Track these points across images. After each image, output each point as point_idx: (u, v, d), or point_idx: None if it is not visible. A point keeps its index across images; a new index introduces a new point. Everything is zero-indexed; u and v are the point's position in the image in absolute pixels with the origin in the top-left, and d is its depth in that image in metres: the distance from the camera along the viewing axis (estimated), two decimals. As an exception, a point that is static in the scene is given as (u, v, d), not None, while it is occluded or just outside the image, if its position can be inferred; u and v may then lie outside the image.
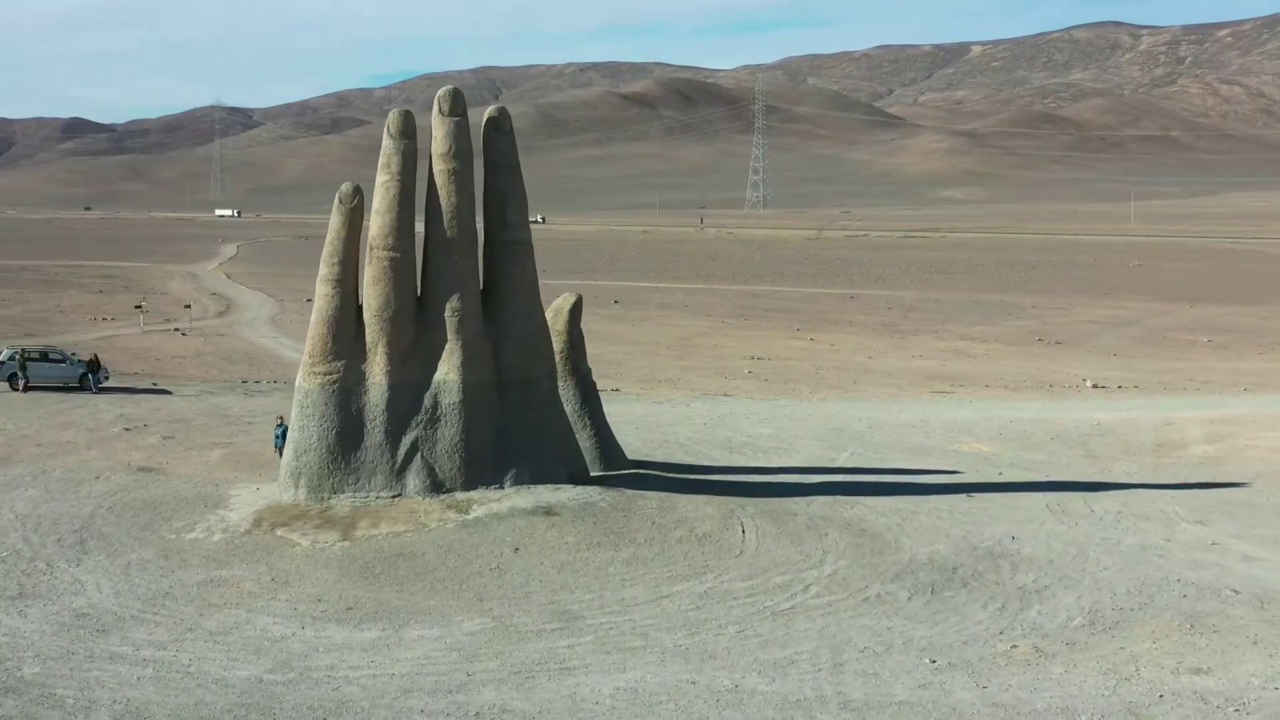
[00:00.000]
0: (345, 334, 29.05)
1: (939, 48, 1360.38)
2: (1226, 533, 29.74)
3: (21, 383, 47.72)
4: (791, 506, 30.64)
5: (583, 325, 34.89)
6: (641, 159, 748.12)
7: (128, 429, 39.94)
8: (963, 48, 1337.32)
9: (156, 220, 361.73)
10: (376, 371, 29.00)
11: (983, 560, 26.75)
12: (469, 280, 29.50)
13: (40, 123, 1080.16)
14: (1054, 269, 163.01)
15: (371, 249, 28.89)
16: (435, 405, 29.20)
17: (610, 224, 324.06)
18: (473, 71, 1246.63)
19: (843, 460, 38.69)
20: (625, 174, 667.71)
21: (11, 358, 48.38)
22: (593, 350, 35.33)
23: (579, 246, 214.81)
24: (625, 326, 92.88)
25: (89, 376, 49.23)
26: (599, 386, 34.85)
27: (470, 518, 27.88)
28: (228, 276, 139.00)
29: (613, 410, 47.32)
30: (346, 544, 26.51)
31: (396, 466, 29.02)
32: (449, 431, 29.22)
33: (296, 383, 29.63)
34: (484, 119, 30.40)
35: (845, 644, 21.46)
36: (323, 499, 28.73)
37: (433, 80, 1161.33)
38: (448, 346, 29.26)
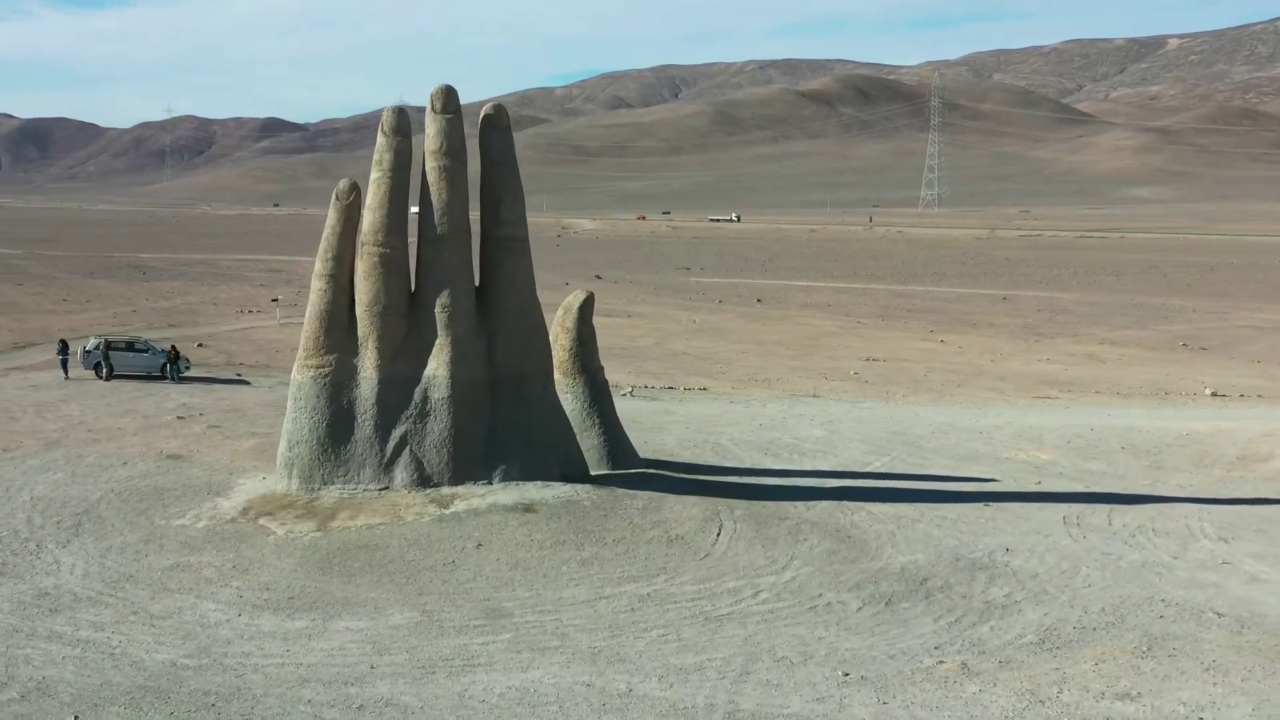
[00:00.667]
0: (338, 328, 29.58)
1: (1133, 41, 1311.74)
2: (1246, 551, 27.95)
3: (105, 371, 50.03)
4: (787, 510, 30.00)
5: (717, 322, 34.72)
6: (818, 157, 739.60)
7: (181, 418, 41.48)
8: (1158, 41, 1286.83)
9: None
10: (367, 366, 29.46)
11: (961, 572, 25.73)
12: (460, 277, 29.71)
13: (239, 122, 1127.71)
14: (1232, 271, 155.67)
15: (363, 245, 29.37)
16: (425, 400, 29.51)
17: (779, 223, 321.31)
18: (652, 70, 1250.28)
19: (879, 465, 37.69)
20: (800, 172, 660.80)
21: (97, 347, 50.78)
22: (713, 348, 35.17)
23: (742, 245, 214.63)
24: (757, 325, 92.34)
25: (170, 366, 51.27)
26: (698, 385, 34.62)
27: (448, 512, 28.09)
28: None
29: (679, 409, 47.49)
30: (319, 534, 27.01)
31: (385, 460, 29.43)
32: (438, 426, 29.49)
33: (291, 375, 30.30)
34: (480, 116, 30.58)
35: (764, 653, 20.91)
36: (313, 490, 29.33)
37: (613, 79, 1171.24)
38: (438, 342, 29.54)
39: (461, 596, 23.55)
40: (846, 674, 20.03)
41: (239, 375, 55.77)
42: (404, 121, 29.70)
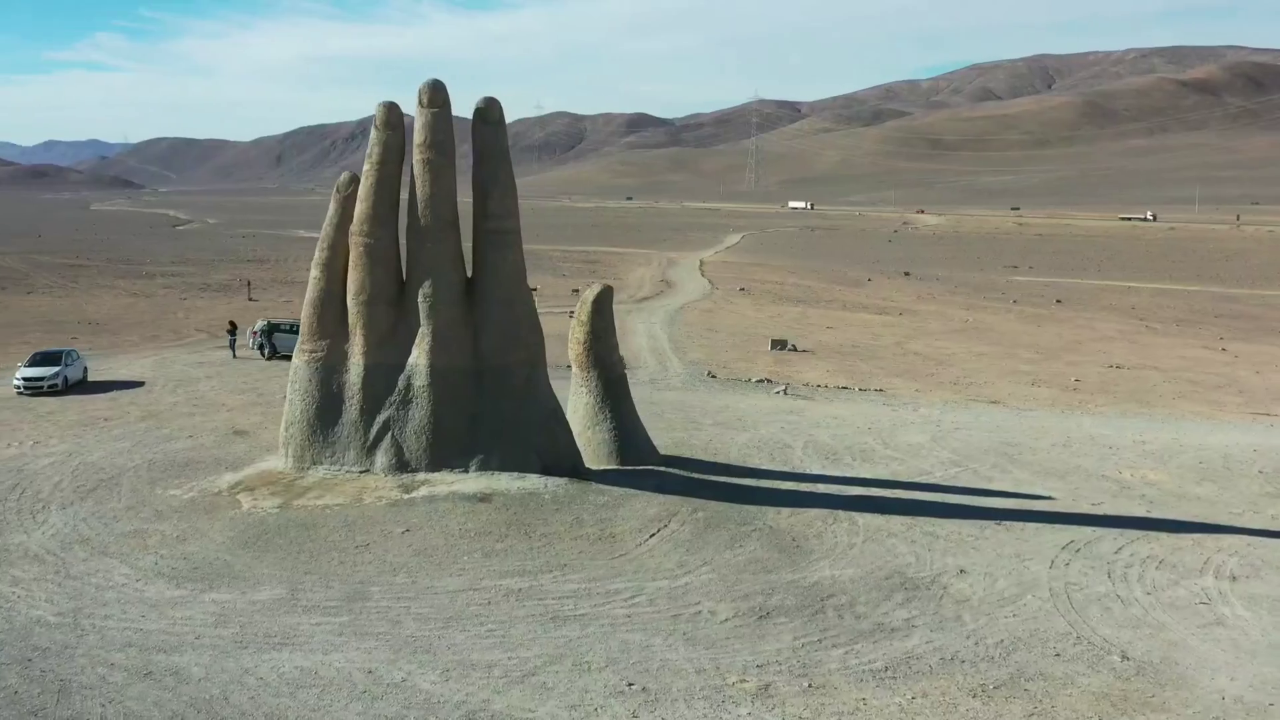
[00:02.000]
0: (330, 315, 30.82)
1: None
2: (1244, 593, 24.63)
3: (268, 351, 53.89)
4: (756, 516, 28.93)
5: (990, 322, 34.40)
6: (1196, 150, 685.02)
7: (284, 397, 44.09)
8: None
9: (687, 210, 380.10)
10: (355, 352, 30.55)
11: (880, 591, 24.08)
12: (444, 268, 30.28)
13: (607, 118, 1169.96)
14: None
15: (351, 235, 30.44)
16: (408, 387, 30.30)
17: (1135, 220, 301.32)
18: (1025, 60, 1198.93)
19: (939, 476, 35.32)
20: (1175, 166, 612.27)
21: (263, 329, 54.76)
22: (952, 349, 34.70)
23: (1087, 243, 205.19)
24: (1029, 326, 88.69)
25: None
26: (878, 387, 34.13)
27: (407, 497, 28.77)
28: (701, 264, 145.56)
29: (805, 410, 46.19)
30: (276, 511, 28.29)
31: (368, 444, 30.44)
32: (419, 414, 30.21)
33: (292, 359, 31.83)
34: (473, 110, 31.02)
35: (569, 656, 20.39)
36: (303, 469, 30.73)
37: (981, 70, 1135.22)
38: (420, 331, 30.26)
39: (341, 578, 24.12)
40: (630, 684, 19.26)
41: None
42: (395, 116, 30.54)
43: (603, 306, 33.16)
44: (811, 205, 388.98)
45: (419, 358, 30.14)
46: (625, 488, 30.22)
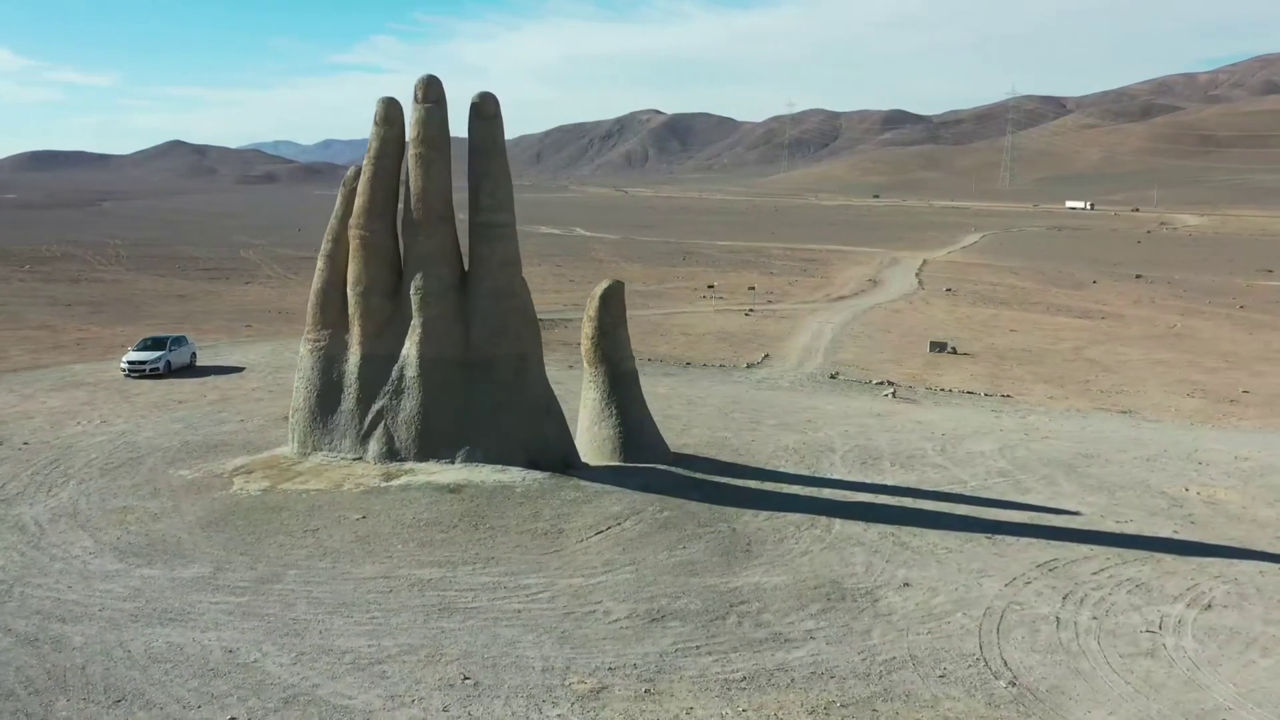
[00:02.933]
0: (332, 306, 31.65)
1: None
2: (1208, 624, 22.48)
3: None
4: (725, 516, 28.25)
5: (1201, 328, 33.78)
6: None
7: None
8: None
9: (933, 208, 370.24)
10: (354, 342, 31.29)
11: (802, 600, 23.14)
12: (435, 260, 30.66)
13: (863, 115, 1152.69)
14: None
15: (350, 228, 31.18)
16: (400, 378, 30.85)
17: None
18: None
19: (973, 485, 33.53)
20: None
21: None
22: (1133, 356, 33.76)
23: None
24: (1240, 333, 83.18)
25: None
26: (1005, 393, 33.35)
27: (383, 485, 29.31)
28: (923, 264, 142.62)
29: (895, 413, 44.70)
30: (260, 494, 29.26)
31: (362, 432, 31.14)
32: (409, 404, 30.73)
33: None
34: (469, 105, 31.27)
35: (427, 647, 20.40)
36: (305, 454, 31.69)
37: (1267, 62, 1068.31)
38: (412, 323, 30.76)
39: (270, 560, 24.74)
40: (467, 678, 19.15)
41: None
42: (393, 111, 31.10)
43: (610, 302, 32.89)
44: (1091, 206, 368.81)
45: (410, 349, 30.63)
46: (605, 484, 29.93)
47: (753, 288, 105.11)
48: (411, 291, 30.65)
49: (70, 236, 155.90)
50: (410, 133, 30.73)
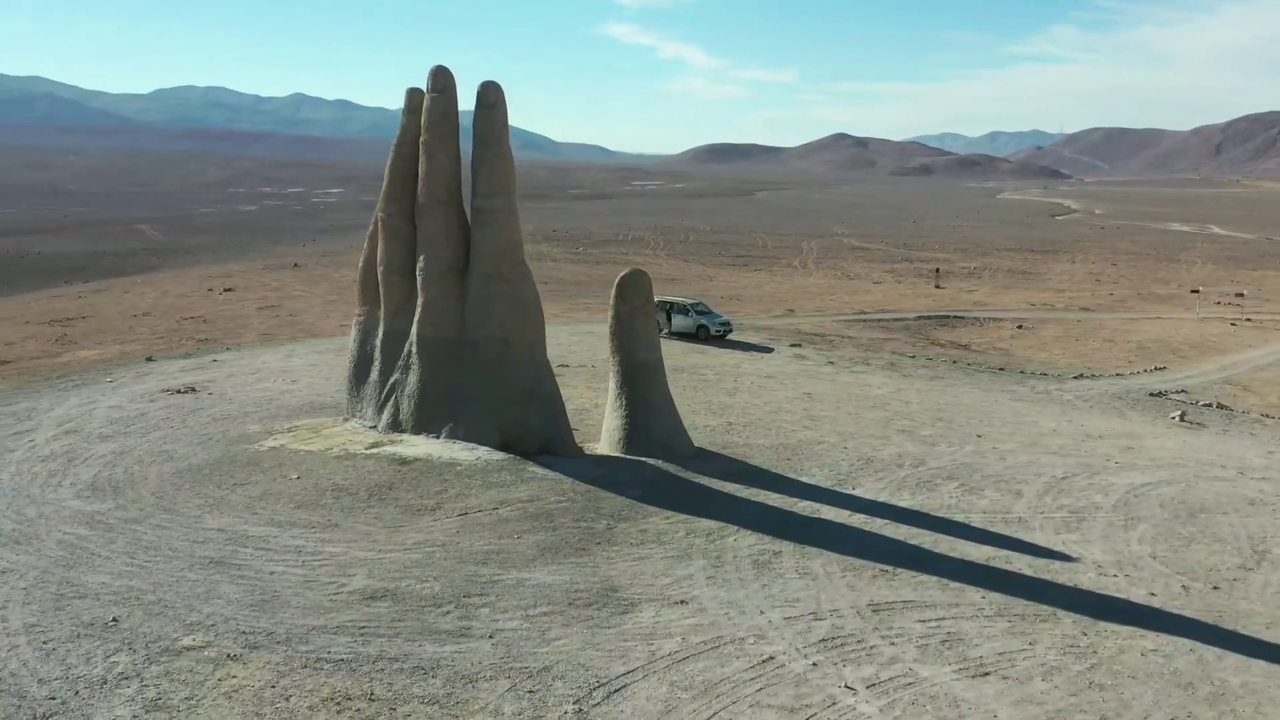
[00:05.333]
0: (370, 284, 34.15)
1: None
2: (916, 670, 19.21)
3: (664, 330, 57.60)
4: (622, 517, 27.44)
5: None
6: None
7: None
8: None
9: None
10: (380, 319, 33.64)
11: (553, 602, 22.47)
12: (436, 243, 32.12)
13: None
14: None
15: (376, 212, 33.50)
16: (409, 354, 32.81)
17: None
18: None
19: (1019, 511, 29.67)
20: None
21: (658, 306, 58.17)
22: None
23: None
24: None
25: (704, 329, 56.83)
26: None
27: (363, 453, 31.44)
28: None
29: (1143, 443, 39.64)
30: (266, 450, 32.41)
31: (380, 403, 33.45)
32: (412, 379, 32.61)
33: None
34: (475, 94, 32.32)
35: (153, 594, 22.19)
36: (345, 420, 34.58)
37: None
38: (418, 302, 32.56)
39: (168, 504, 27.62)
40: (116, 620, 20.86)
41: (797, 344, 58.04)
42: (415, 100, 32.83)
43: (626, 292, 32.51)
44: None
45: (413, 327, 32.40)
46: (550, 471, 30.02)
47: (1196, 290, 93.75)
48: (418, 272, 32.33)
49: (671, 223, 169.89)
50: (422, 120, 32.33)
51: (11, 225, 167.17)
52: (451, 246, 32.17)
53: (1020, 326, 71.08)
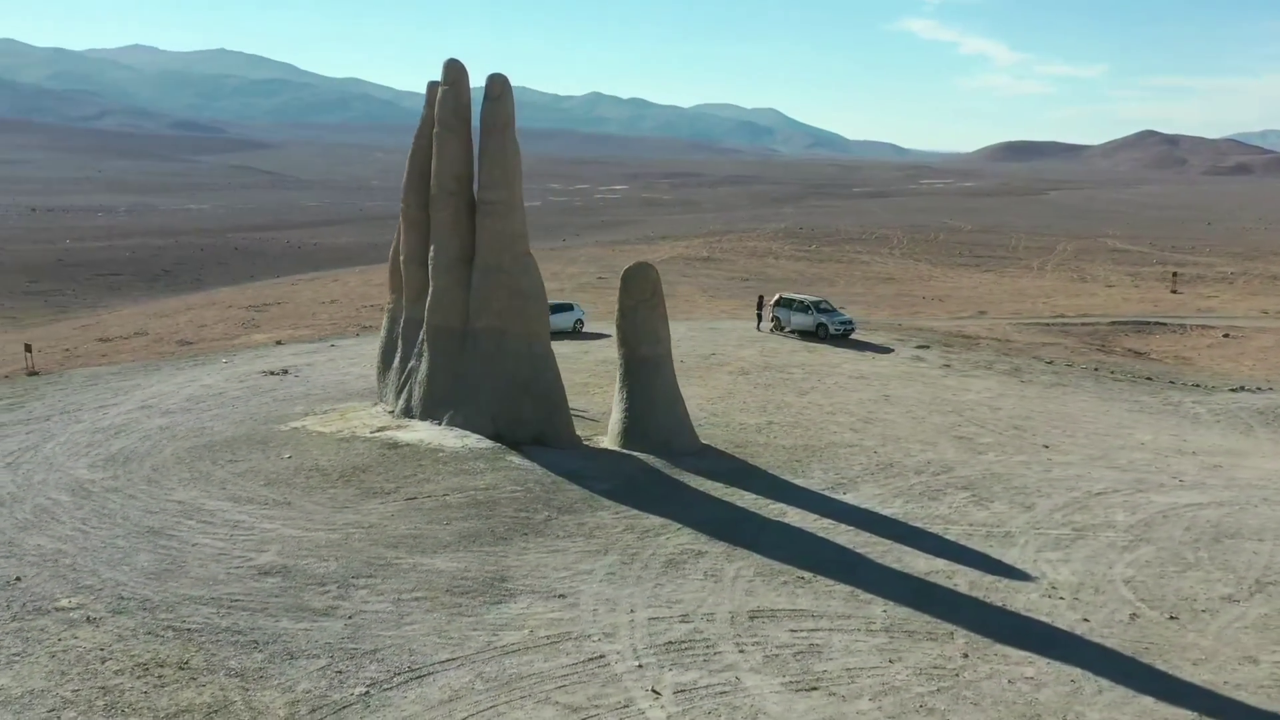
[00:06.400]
0: (397, 273, 35.09)
1: None
2: (724, 677, 18.44)
3: (775, 325, 56.80)
4: (566, 509, 27.36)
5: None
6: None
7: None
8: None
9: None
10: (403, 308, 34.55)
11: (432, 587, 22.77)
12: (445, 233, 32.65)
13: None
14: None
15: (401, 204, 34.37)
16: (422, 342, 33.61)
17: None
18: None
19: (1005, 526, 28.03)
20: None
21: (777, 302, 57.34)
22: None
23: None
24: None
25: (823, 327, 55.55)
26: None
27: (367, 436, 32.43)
28: None
29: (1236, 469, 36.89)
30: (288, 430, 33.79)
31: (399, 388, 34.37)
32: (423, 366, 33.37)
33: (387, 312, 36.60)
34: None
35: (64, 550, 23.81)
36: (375, 404, 35.72)
37: None
38: (429, 291, 33.29)
39: (159, 476, 29.23)
40: (19, 578, 22.35)
41: (920, 346, 55.75)
42: (434, 93, 33.48)
43: (630, 285, 32.18)
44: None
45: (425, 316, 33.12)
46: (536, 463, 30.17)
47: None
48: (429, 263, 33.00)
49: (930, 222, 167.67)
50: (435, 113, 32.93)
51: (310, 217, 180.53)
52: (459, 237, 32.61)
53: (1226, 335, 65.80)
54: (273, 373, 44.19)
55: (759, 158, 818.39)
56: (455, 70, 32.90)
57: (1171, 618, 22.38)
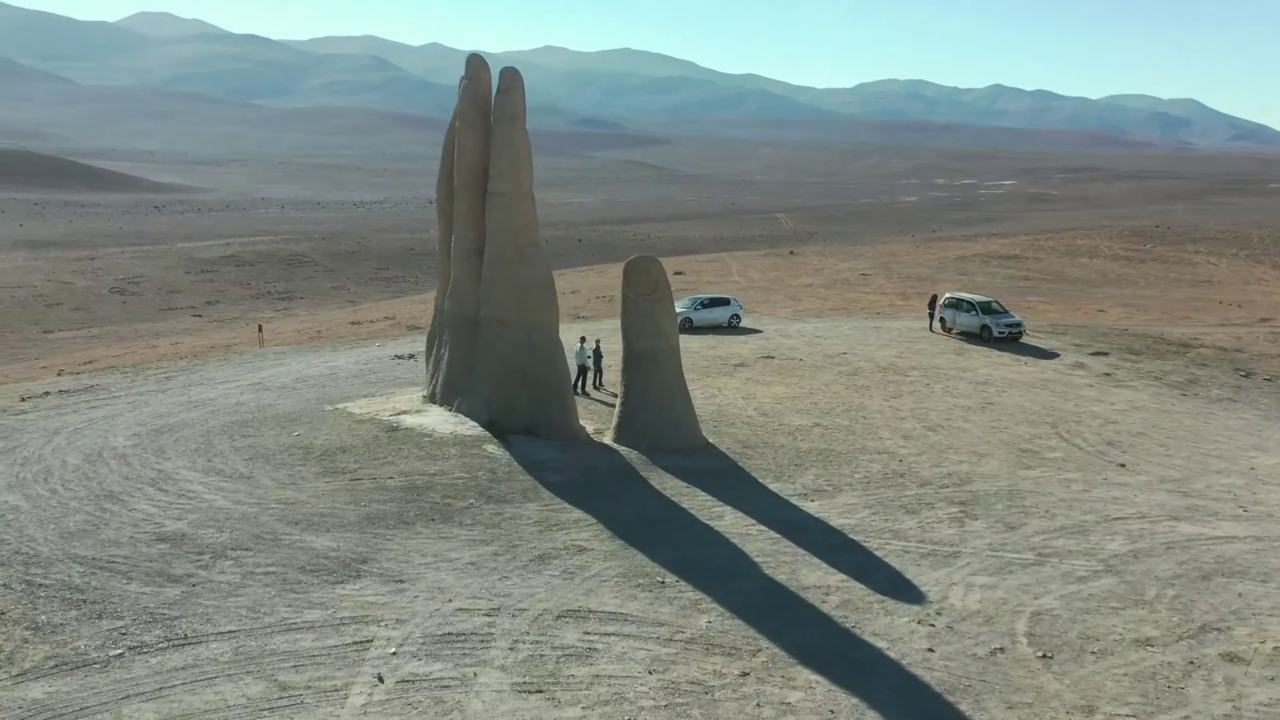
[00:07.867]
0: (438, 265, 36.23)
1: None
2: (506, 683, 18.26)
3: (942, 325, 54.18)
4: (511, 500, 27.58)
5: None
6: None
7: (735, 365, 46.49)
8: None
9: None
10: (441, 297, 35.67)
11: (315, 567, 23.67)
12: (463, 224, 33.30)
13: None
14: None
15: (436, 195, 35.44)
16: (443, 330, 34.65)
17: None
18: None
19: (959, 545, 26.09)
20: None
21: (946, 304, 54.74)
22: None
23: None
24: None
25: (987, 330, 52.43)
26: None
27: (377, 419, 33.79)
28: None
29: None
30: (331, 410, 35.57)
31: (431, 374, 35.55)
32: (445, 354, 34.39)
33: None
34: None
35: (24, 507, 26.33)
36: (420, 393, 37.06)
37: None
38: (449, 282, 34.26)
39: (173, 453, 31.20)
40: (-43, 531, 24.94)
41: (1102, 352, 51.44)
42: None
43: (631, 277, 31.72)
44: None
45: (446, 304, 34.08)
46: (508, 452, 30.49)
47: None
48: (451, 253, 33.88)
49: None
50: (458, 107, 33.68)
51: (680, 211, 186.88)
52: (475, 228, 33.21)
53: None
54: (400, 357, 46.29)
55: (1171, 151, 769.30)
56: (474, 65, 33.49)
57: (1044, 656, 20.13)
